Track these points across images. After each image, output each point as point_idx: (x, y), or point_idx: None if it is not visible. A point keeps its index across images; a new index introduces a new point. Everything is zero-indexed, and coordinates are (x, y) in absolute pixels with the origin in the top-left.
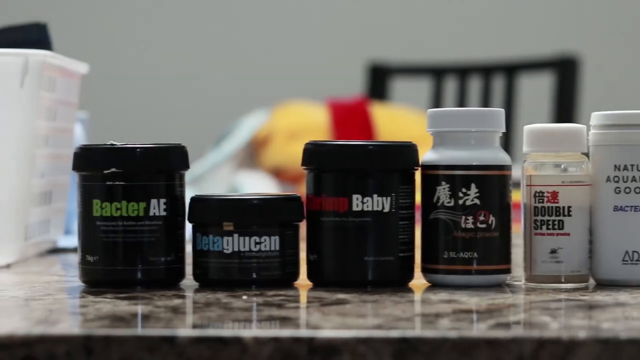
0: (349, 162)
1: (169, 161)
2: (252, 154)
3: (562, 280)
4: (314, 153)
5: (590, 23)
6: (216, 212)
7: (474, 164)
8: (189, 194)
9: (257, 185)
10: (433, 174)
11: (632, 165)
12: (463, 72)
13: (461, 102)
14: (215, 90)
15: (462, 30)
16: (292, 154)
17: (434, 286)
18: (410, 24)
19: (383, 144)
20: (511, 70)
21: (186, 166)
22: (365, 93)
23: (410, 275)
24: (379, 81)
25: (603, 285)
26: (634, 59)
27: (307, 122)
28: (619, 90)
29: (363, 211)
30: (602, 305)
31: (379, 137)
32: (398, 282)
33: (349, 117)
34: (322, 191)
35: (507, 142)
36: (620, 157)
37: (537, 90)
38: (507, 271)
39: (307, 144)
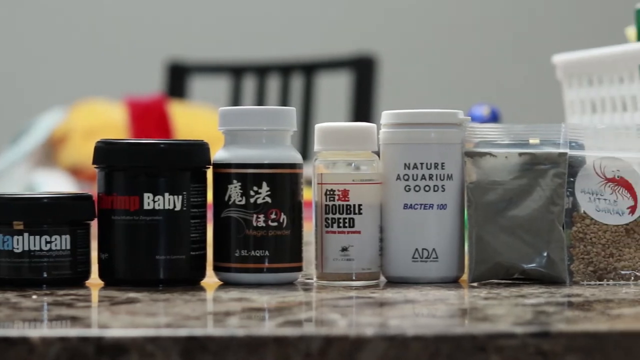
0: (139, 161)
1: None
2: (49, 153)
3: (353, 277)
4: (104, 151)
5: (387, 23)
6: (6, 211)
7: (265, 162)
8: None
9: (54, 184)
10: (224, 173)
11: (421, 164)
12: (262, 71)
13: (260, 100)
14: (10, 88)
15: (261, 29)
16: (89, 153)
17: (226, 284)
18: (209, 22)
19: (174, 142)
20: (309, 69)
21: None
22: (163, 91)
23: (202, 274)
24: (178, 79)
25: (393, 282)
26: (429, 58)
27: (104, 120)
28: (416, 89)
29: (154, 210)
30: (391, 302)
31: (177, 135)
32: (190, 281)
33: (147, 115)
34: (114, 190)
35: (306, 141)
36: (409, 155)
37: (335, 89)
38: (299, 269)
39: (98, 142)
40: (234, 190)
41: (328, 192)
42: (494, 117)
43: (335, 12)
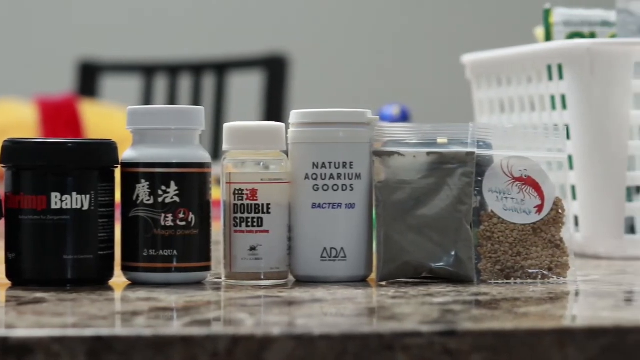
0: (46, 160)
1: None
2: None
3: (262, 277)
4: (11, 151)
5: (298, 22)
6: None
7: (174, 161)
8: None
9: None
10: (133, 172)
11: (329, 163)
12: (174, 70)
13: (171, 100)
14: None
15: (173, 28)
16: None
17: (134, 284)
18: (121, 21)
19: (81, 141)
20: (221, 69)
21: None
22: (74, 90)
23: (110, 274)
24: (89, 78)
25: (302, 281)
26: (341, 58)
27: (14, 119)
28: (328, 89)
29: (62, 209)
30: (299, 301)
31: (89, 134)
32: (98, 281)
33: (58, 114)
34: (21, 189)
35: (217, 140)
36: (318, 154)
37: (247, 88)
38: (207, 269)
39: (5, 141)
40: (142, 190)
41: (236, 192)
42: (404, 117)
43: (247, 12)
